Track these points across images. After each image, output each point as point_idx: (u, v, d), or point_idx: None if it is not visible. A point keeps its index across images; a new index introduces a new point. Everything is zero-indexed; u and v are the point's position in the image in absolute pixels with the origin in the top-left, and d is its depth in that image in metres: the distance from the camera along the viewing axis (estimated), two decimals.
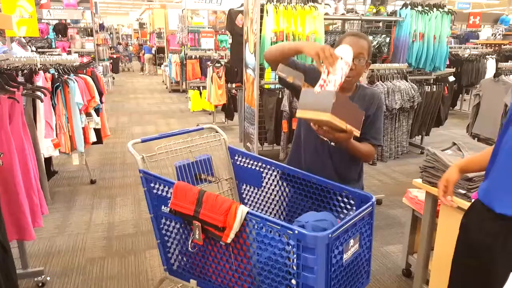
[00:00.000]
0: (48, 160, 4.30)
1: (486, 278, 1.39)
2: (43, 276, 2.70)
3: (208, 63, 7.48)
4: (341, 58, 1.59)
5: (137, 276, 2.81)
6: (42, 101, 3.01)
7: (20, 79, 3.54)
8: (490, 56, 8.05)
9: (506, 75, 4.40)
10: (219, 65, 6.99)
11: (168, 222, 1.83)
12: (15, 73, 3.57)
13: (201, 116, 8.37)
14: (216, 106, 7.40)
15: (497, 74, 4.35)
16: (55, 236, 3.35)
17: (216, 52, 9.65)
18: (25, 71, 3.67)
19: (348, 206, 1.83)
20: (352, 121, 1.57)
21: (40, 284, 2.67)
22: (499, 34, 11.74)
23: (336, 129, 1.55)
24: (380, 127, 1.93)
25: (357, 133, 1.61)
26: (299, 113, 1.54)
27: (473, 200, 1.52)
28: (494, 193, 1.39)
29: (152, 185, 1.81)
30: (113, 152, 5.74)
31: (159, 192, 1.80)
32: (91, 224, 3.58)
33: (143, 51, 17.82)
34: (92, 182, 4.54)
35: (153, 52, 16.83)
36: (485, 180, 1.46)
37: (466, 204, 1.99)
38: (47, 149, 3.64)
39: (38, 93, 2.91)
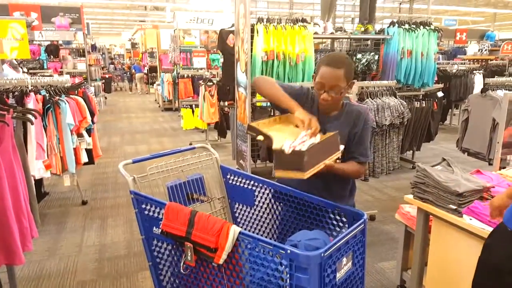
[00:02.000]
0: (39, 182, 4.26)
1: None
2: None
3: (200, 81, 7.53)
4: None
5: None
6: (32, 123, 3.00)
7: (11, 101, 3.54)
8: (477, 71, 8.20)
9: (493, 90, 4.48)
10: (211, 83, 7.04)
11: (159, 244, 1.81)
12: (5, 95, 3.57)
13: (193, 134, 8.37)
14: (208, 124, 7.41)
15: (484, 89, 4.43)
16: (45, 259, 3.29)
17: (208, 71, 9.73)
18: (16, 93, 3.67)
19: (341, 224, 1.83)
20: (329, 152, 1.67)
21: None
22: (485, 50, 12.01)
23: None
24: (367, 145, 1.93)
25: (338, 155, 1.71)
26: (278, 173, 1.59)
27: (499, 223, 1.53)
28: None
29: (143, 206, 1.80)
30: (104, 172, 5.70)
31: (151, 213, 1.79)
32: (82, 246, 3.53)
33: (133, 70, 17.90)
34: (84, 203, 4.49)
35: (145, 71, 16.91)
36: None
37: (457, 220, 2.01)
38: (38, 170, 3.61)
39: (29, 115, 2.90)
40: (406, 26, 4.87)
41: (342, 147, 1.79)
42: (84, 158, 4.28)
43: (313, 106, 1.96)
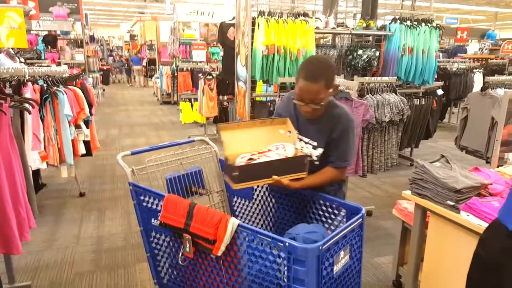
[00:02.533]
0: (37, 173, 4.24)
1: None
2: None
3: (200, 75, 7.50)
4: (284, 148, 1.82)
5: None
6: (30, 113, 2.98)
7: (8, 90, 3.51)
8: (477, 70, 8.20)
9: (493, 88, 4.48)
10: (211, 77, 7.02)
11: (158, 236, 1.81)
12: (2, 84, 3.55)
13: (192, 128, 8.35)
14: (207, 118, 7.40)
15: (484, 88, 4.43)
16: (43, 250, 3.29)
17: (207, 64, 9.70)
18: (13, 83, 3.64)
19: (339, 218, 1.83)
20: (288, 171, 1.77)
21: None
22: (485, 49, 12.01)
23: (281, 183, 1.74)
24: (345, 149, 1.87)
25: (299, 175, 1.79)
26: (224, 176, 1.81)
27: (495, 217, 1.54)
28: (508, 212, 1.42)
29: (142, 198, 1.80)
30: (102, 165, 5.69)
31: (149, 205, 1.79)
32: (80, 237, 3.52)
33: (131, 62, 17.79)
34: (81, 194, 4.48)
35: (143, 63, 16.82)
36: (506, 200, 1.48)
37: (454, 216, 2.02)
38: (34, 161, 3.59)
39: (26, 105, 2.88)
40: (408, 23, 4.86)
41: (304, 173, 1.82)
42: (82, 149, 4.26)
43: (295, 110, 1.93)
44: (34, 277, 2.90)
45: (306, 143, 1.93)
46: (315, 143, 1.90)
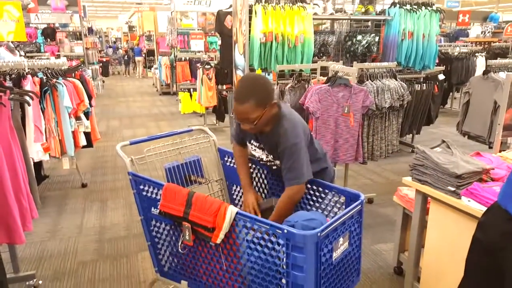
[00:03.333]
0: (39, 165, 4.26)
1: (499, 277, 1.40)
2: (34, 280, 2.68)
3: (198, 65, 7.46)
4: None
5: (129, 278, 2.79)
6: (29, 105, 2.98)
7: (8, 83, 3.51)
8: (479, 54, 8.11)
9: (495, 72, 4.44)
10: (209, 66, 6.98)
11: (158, 224, 1.82)
12: (2, 77, 3.55)
13: (192, 118, 8.34)
14: (206, 108, 7.38)
15: (486, 72, 4.38)
16: (46, 240, 3.32)
17: (206, 54, 9.64)
18: (13, 76, 3.64)
19: (338, 205, 1.83)
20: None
21: None
22: (488, 32, 11.87)
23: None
24: (292, 166, 1.77)
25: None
26: None
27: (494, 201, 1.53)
28: (510, 196, 1.42)
29: (141, 187, 1.80)
30: (104, 156, 5.70)
31: (149, 194, 1.79)
32: (82, 227, 3.55)
33: (132, 53, 17.69)
34: (83, 185, 4.51)
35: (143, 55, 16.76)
36: (504, 183, 1.48)
37: (455, 201, 2.01)
38: (37, 153, 3.61)
39: (26, 97, 2.88)
40: (408, 6, 4.80)
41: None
42: (83, 141, 4.28)
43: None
44: (38, 266, 2.93)
45: (266, 154, 1.97)
46: (271, 157, 1.94)
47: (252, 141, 1.99)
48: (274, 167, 1.97)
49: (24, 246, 3.16)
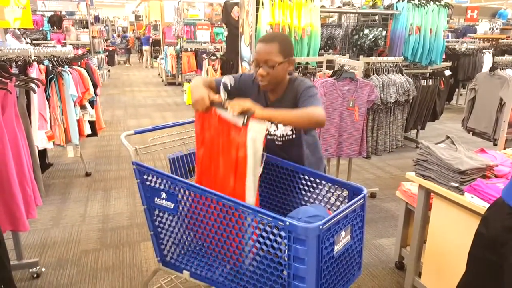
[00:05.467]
0: (43, 153, 4.29)
1: (501, 272, 1.41)
2: (38, 267, 2.70)
3: (204, 55, 7.44)
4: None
5: (132, 267, 2.82)
6: (35, 92, 3.00)
7: (14, 70, 3.52)
8: (487, 50, 8.04)
9: (502, 69, 4.40)
10: (215, 57, 6.97)
11: (161, 214, 1.83)
12: (8, 64, 3.55)
13: None
14: None
15: (492, 68, 4.35)
16: (50, 228, 3.35)
17: (212, 45, 9.60)
18: (19, 63, 3.65)
19: (340, 199, 1.84)
20: None
21: (35, 275, 2.67)
22: (496, 29, 11.74)
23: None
24: (314, 98, 1.79)
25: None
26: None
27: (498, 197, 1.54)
28: None
29: (145, 177, 1.81)
30: (108, 145, 5.73)
31: (152, 184, 1.80)
32: (86, 216, 3.58)
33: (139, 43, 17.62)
34: (87, 174, 4.53)
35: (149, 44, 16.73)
36: (510, 180, 1.48)
37: (458, 197, 2.01)
38: (41, 141, 3.63)
39: (32, 84, 2.89)
40: (416, 1, 4.76)
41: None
42: (87, 130, 4.29)
43: (259, 92, 1.97)
44: (41, 254, 2.96)
45: (275, 124, 1.94)
46: (275, 127, 1.94)
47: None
48: (278, 142, 1.97)
49: (27, 234, 3.19)
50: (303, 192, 1.98)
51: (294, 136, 1.96)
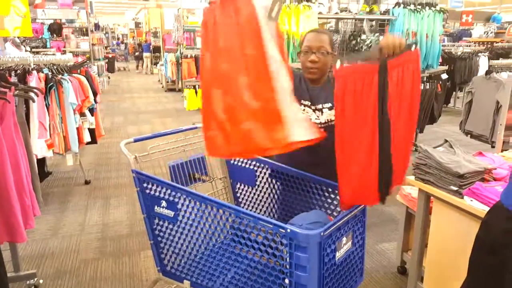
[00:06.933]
0: (42, 161, 4.27)
1: (502, 275, 1.41)
2: (35, 279, 2.65)
3: None
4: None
5: (132, 277, 2.80)
6: (34, 101, 2.99)
7: (14, 79, 3.52)
8: (482, 53, 8.10)
9: (497, 72, 4.42)
10: None
11: (161, 223, 1.82)
12: (7, 73, 3.56)
13: (197, 115, 8.33)
14: None
15: (488, 72, 4.37)
16: (48, 238, 3.32)
17: None
18: (18, 71, 3.65)
19: None
20: None
21: (33, 287, 2.64)
22: (491, 32, 11.82)
23: None
24: None
25: None
26: None
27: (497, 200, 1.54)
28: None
29: (145, 185, 1.81)
30: (108, 152, 5.72)
31: (152, 192, 1.79)
32: (85, 225, 3.56)
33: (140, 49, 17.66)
34: (87, 182, 4.52)
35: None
36: (508, 183, 1.49)
37: (457, 201, 2.01)
38: (40, 149, 3.62)
39: (31, 93, 2.89)
40: (412, 7, 4.80)
41: None
42: (87, 137, 4.28)
43: (301, 83, 1.99)
44: (39, 265, 2.93)
45: (319, 110, 1.97)
46: (330, 104, 1.96)
47: (302, 101, 1.98)
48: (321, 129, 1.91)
49: (25, 244, 3.14)
50: (309, 200, 1.98)
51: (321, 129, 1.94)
